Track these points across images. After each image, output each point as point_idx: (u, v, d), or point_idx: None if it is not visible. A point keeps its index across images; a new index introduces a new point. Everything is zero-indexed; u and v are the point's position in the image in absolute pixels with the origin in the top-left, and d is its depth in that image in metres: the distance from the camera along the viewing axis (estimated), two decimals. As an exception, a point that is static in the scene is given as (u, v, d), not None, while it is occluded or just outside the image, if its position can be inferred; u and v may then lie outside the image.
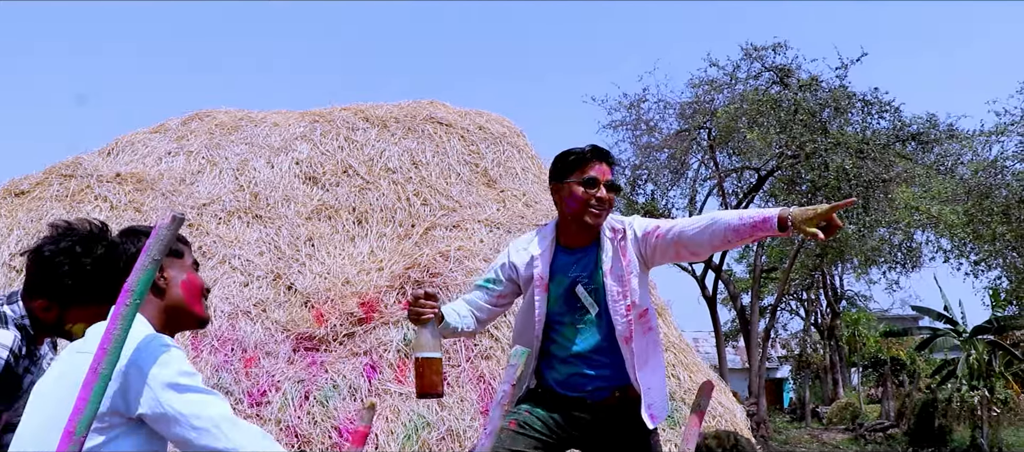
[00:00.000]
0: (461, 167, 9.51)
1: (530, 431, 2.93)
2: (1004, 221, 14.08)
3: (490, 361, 7.18)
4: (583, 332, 3.01)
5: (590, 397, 2.98)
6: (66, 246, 2.27)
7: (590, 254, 3.06)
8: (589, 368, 2.99)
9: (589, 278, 3.03)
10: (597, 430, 2.99)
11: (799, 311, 39.57)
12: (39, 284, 2.29)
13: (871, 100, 18.32)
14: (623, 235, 3.05)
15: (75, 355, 1.95)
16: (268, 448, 1.93)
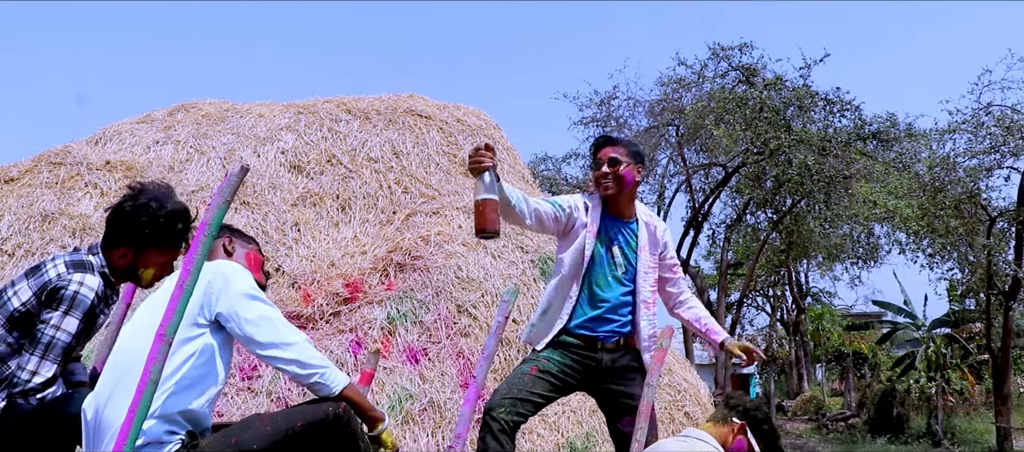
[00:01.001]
0: (440, 157, 9.94)
1: (547, 376, 3.38)
2: (956, 215, 14.67)
3: (469, 339, 7.60)
4: (613, 285, 3.53)
5: (602, 339, 3.45)
6: (143, 202, 2.72)
7: (629, 227, 3.64)
8: (610, 314, 3.49)
9: (626, 244, 3.60)
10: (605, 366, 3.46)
11: (765, 307, 40.23)
12: (120, 234, 2.72)
13: (833, 99, 18.85)
14: (656, 230, 3.69)
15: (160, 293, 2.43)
16: (314, 352, 2.38)
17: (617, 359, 3.47)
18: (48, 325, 2.56)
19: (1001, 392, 16.49)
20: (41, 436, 2.53)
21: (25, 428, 2.50)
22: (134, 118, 11.14)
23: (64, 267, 2.69)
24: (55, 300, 2.58)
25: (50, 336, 2.55)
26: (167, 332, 1.99)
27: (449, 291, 7.83)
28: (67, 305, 2.57)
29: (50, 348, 2.54)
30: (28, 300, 2.60)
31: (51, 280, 2.63)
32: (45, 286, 2.61)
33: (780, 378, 40.55)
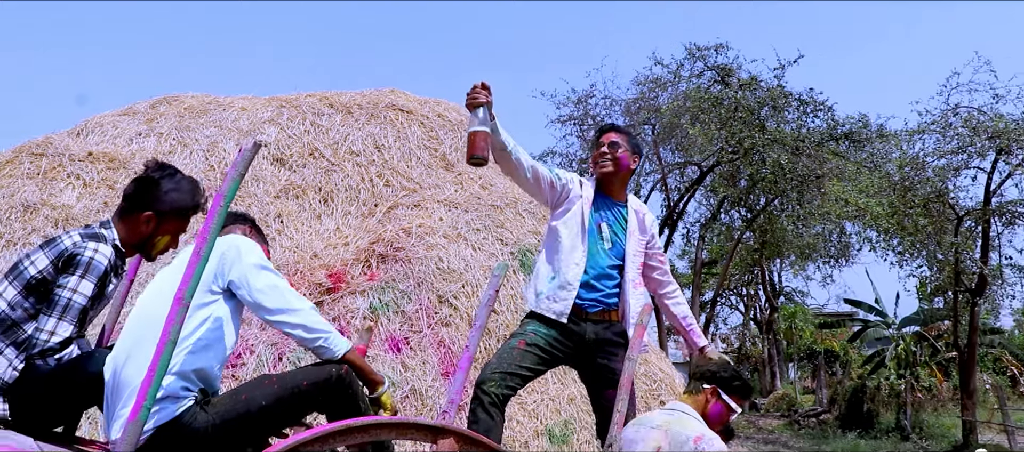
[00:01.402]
0: (421, 151, 10.08)
1: (535, 349, 3.52)
2: (925, 213, 14.98)
3: (449, 328, 7.75)
4: (602, 255, 3.72)
5: (586, 308, 3.62)
6: (169, 172, 2.89)
7: (619, 209, 3.88)
8: (596, 282, 3.66)
9: (615, 222, 3.82)
10: (589, 339, 3.62)
11: (739, 306, 40.62)
12: (146, 200, 2.89)
13: (806, 100, 19.14)
14: (644, 217, 3.95)
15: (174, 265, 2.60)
16: (319, 317, 2.54)
17: (601, 333, 3.62)
18: (65, 288, 2.70)
19: (967, 387, 16.85)
20: (60, 395, 2.67)
21: (44, 388, 2.64)
22: (116, 110, 11.18)
23: (78, 237, 2.84)
24: (72, 265, 2.73)
25: (67, 299, 2.69)
26: (185, 296, 2.14)
27: (430, 282, 7.97)
28: (83, 270, 2.72)
29: (67, 310, 2.69)
30: (45, 268, 2.75)
31: (67, 248, 2.77)
32: (62, 254, 2.76)
33: (753, 376, 40.92)
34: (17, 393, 2.64)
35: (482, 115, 3.39)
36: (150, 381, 2.07)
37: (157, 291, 2.58)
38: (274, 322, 2.52)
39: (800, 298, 38.74)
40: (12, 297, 2.73)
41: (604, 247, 3.72)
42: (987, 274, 15.51)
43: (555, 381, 7.62)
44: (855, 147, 18.55)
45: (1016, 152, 14.50)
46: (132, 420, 2.06)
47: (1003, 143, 14.20)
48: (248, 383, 2.57)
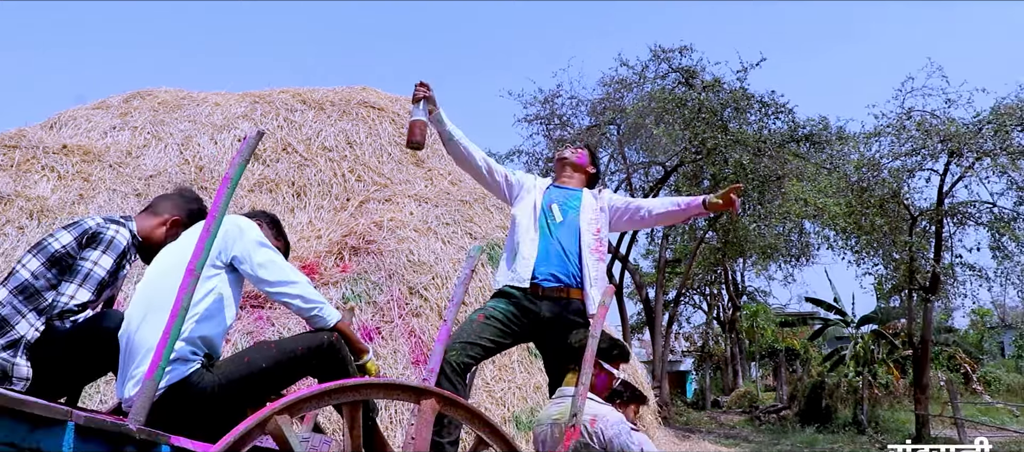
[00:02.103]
0: (392, 147, 10.30)
1: (494, 322, 3.76)
2: (881, 213, 15.45)
3: (420, 318, 7.99)
4: (554, 230, 3.98)
5: (542, 283, 3.85)
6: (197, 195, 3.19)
7: (573, 195, 4.17)
8: (552, 258, 3.91)
9: (565, 202, 4.09)
10: (544, 317, 3.85)
11: (702, 305, 41.13)
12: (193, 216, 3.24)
13: (768, 102, 19.61)
14: (599, 195, 4.22)
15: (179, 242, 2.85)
16: (313, 290, 2.80)
17: (557, 311, 3.85)
18: (87, 260, 2.96)
19: (920, 382, 17.38)
20: (78, 354, 2.90)
21: (63, 348, 2.87)
22: (89, 104, 11.27)
23: (102, 220, 3.11)
24: (95, 242, 3.00)
25: (88, 269, 2.95)
26: (195, 268, 2.39)
27: (401, 273, 8.21)
28: (105, 246, 2.98)
29: (87, 278, 2.94)
30: (69, 243, 3.00)
31: (90, 227, 3.04)
32: (85, 232, 3.03)
33: (716, 374, 41.48)
34: (38, 353, 2.87)
35: (422, 107, 3.88)
36: (165, 343, 2.32)
37: (164, 265, 2.82)
38: (273, 293, 2.77)
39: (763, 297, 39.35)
40: (35, 268, 2.97)
41: (555, 221, 4.00)
42: (940, 273, 16.01)
43: (522, 370, 7.90)
44: (815, 149, 18.97)
45: (967, 155, 15.01)
46: (149, 377, 2.30)
47: (954, 146, 14.72)
48: (249, 348, 2.81)
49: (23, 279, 2.97)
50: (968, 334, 36.38)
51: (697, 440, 16.63)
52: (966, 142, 14.54)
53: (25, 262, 3.03)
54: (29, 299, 2.94)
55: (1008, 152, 14.42)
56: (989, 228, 15.51)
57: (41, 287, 2.95)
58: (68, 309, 2.90)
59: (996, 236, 15.34)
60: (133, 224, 3.21)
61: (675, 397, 28.50)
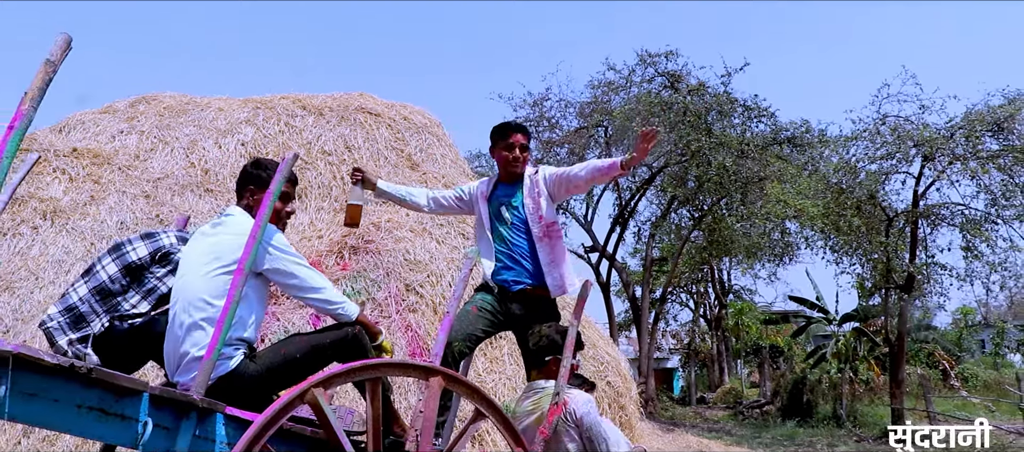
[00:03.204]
0: (388, 152, 10.78)
1: (486, 313, 4.30)
2: (858, 214, 16.01)
3: (416, 314, 8.48)
4: (509, 235, 4.45)
5: (509, 287, 4.37)
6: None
7: (516, 187, 4.56)
8: (512, 264, 4.40)
9: (510, 201, 4.52)
10: (516, 314, 4.37)
11: (689, 303, 41.67)
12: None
13: (751, 106, 20.19)
14: (536, 175, 4.57)
15: (212, 227, 3.30)
16: (335, 292, 3.29)
17: (527, 312, 4.34)
18: (155, 277, 3.45)
19: (896, 377, 17.95)
20: (132, 349, 3.40)
21: (120, 344, 3.36)
22: (96, 109, 11.69)
23: (175, 239, 3.59)
24: (165, 261, 3.49)
25: (154, 285, 3.45)
26: (244, 268, 2.89)
27: (398, 272, 8.70)
28: (173, 267, 3.48)
29: (152, 292, 3.44)
30: (144, 257, 3.49)
31: (165, 246, 3.53)
32: (159, 249, 3.52)
33: (702, 371, 42.05)
34: (101, 346, 3.36)
35: (357, 190, 4.41)
36: (219, 332, 2.81)
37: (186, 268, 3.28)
38: (301, 297, 3.27)
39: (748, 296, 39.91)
40: (113, 273, 3.46)
41: (506, 225, 4.47)
42: (915, 272, 16.58)
43: (511, 362, 8.40)
44: (797, 151, 19.51)
45: (940, 159, 15.60)
46: (207, 357, 2.80)
47: (928, 151, 15.30)
48: (284, 340, 3.30)
49: (102, 281, 3.46)
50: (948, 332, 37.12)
51: (680, 433, 17.16)
52: (939, 147, 15.11)
53: (105, 265, 3.51)
54: (104, 300, 3.43)
55: (978, 157, 15.01)
56: (961, 229, 16.10)
57: (115, 291, 3.44)
58: (129, 315, 3.39)
59: (967, 237, 15.92)
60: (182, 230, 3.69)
61: (661, 393, 29.01)
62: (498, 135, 4.60)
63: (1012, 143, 15.06)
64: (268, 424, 2.60)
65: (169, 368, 3.20)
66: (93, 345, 3.36)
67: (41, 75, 2.55)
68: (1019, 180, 15.40)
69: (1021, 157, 14.90)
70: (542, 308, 4.40)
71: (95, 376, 2.51)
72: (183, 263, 3.31)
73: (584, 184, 4.55)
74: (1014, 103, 15.14)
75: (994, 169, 15.32)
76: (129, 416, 2.64)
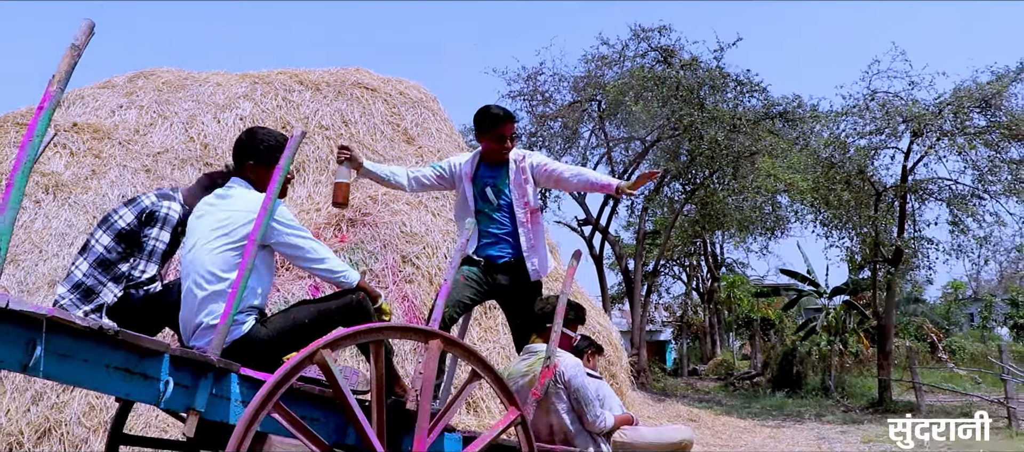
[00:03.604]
0: (384, 126, 10.97)
1: (472, 283, 4.54)
2: (847, 189, 16.24)
3: (412, 285, 8.72)
4: (494, 217, 4.67)
5: (495, 260, 4.61)
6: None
7: (500, 170, 4.73)
8: (496, 241, 4.64)
9: (496, 183, 4.70)
10: (501, 284, 4.63)
11: (681, 276, 42.04)
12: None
13: (743, 81, 20.36)
14: (523, 161, 4.74)
15: (217, 199, 3.47)
16: (338, 261, 3.49)
17: (511, 281, 4.60)
18: (149, 238, 3.64)
19: (884, 349, 18.26)
20: (147, 316, 3.61)
21: (136, 312, 3.57)
22: (95, 83, 11.84)
23: (155, 197, 3.77)
24: (152, 220, 3.67)
25: (152, 245, 3.64)
26: (256, 238, 3.10)
27: (395, 243, 8.93)
28: (161, 223, 3.67)
29: (153, 253, 3.63)
30: (131, 221, 3.68)
31: (147, 206, 3.71)
32: (144, 211, 3.70)
33: (694, 343, 42.48)
34: (118, 315, 3.57)
35: (344, 169, 4.45)
36: (234, 297, 3.03)
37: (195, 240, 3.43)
38: (308, 268, 3.47)
39: (740, 269, 40.24)
40: (107, 243, 3.66)
41: (493, 207, 4.66)
42: (903, 246, 16.84)
43: (505, 331, 8.64)
44: (789, 126, 19.70)
45: (928, 135, 15.81)
46: (223, 322, 3.01)
47: (916, 127, 15.51)
48: (292, 306, 3.51)
49: (99, 253, 3.66)
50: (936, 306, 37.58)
51: (671, 403, 17.45)
52: (927, 123, 15.32)
53: (98, 238, 3.71)
54: (106, 270, 3.63)
55: (965, 133, 15.24)
56: (948, 204, 16.35)
57: (114, 260, 3.63)
58: (140, 282, 3.59)
59: (954, 212, 16.17)
60: (180, 195, 3.86)
61: (654, 365, 29.33)
62: (489, 124, 4.69)
63: (999, 119, 15.28)
64: (280, 383, 2.81)
65: (185, 335, 3.41)
66: (110, 314, 3.56)
67: (67, 59, 2.74)
68: (1006, 156, 15.64)
69: (1008, 134, 15.13)
70: (522, 277, 4.65)
71: (121, 338, 2.72)
72: (192, 235, 3.48)
73: (571, 188, 4.82)
74: (1001, 80, 15.34)
75: (981, 145, 15.54)
76: (152, 375, 2.85)
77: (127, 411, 4.35)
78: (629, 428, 4.78)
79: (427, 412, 3.16)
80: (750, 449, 11.34)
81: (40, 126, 2.65)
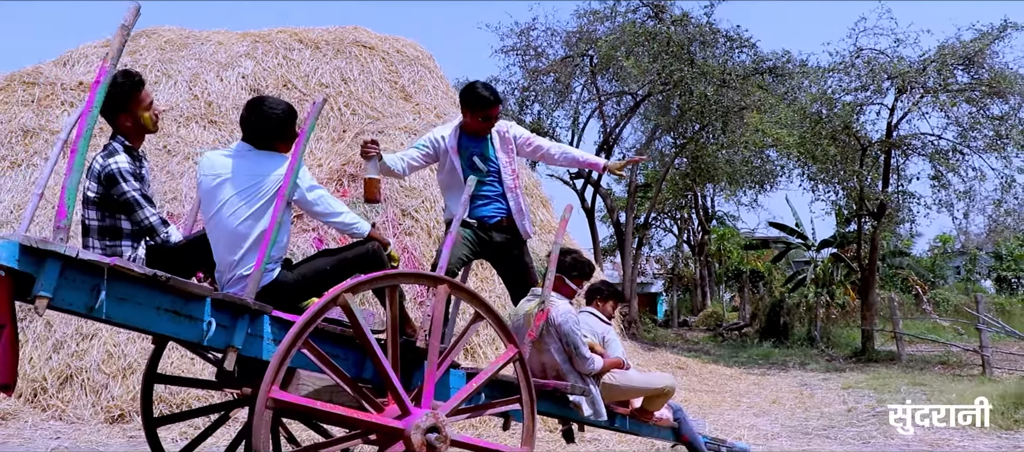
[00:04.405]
0: (383, 84, 11.29)
1: (466, 243, 4.95)
2: (833, 143, 16.62)
3: (412, 237, 9.11)
4: (485, 181, 5.05)
5: (488, 220, 5.03)
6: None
7: (483, 140, 5.10)
8: (489, 202, 5.05)
9: (482, 152, 5.07)
10: (493, 243, 5.05)
11: (672, 229, 42.56)
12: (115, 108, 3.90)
13: (733, 36, 20.67)
14: (507, 132, 5.14)
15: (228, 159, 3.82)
16: (351, 214, 3.88)
17: (503, 239, 5.04)
18: (126, 194, 3.84)
19: (867, 300, 18.79)
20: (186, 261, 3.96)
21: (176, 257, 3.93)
22: (97, 42, 12.09)
23: (101, 159, 3.94)
24: (111, 179, 3.85)
25: (131, 196, 3.85)
26: (286, 195, 3.49)
27: (395, 198, 9.30)
28: (120, 177, 3.85)
29: (136, 203, 3.85)
30: (96, 189, 3.88)
31: (98, 170, 3.89)
32: (98, 175, 3.90)
33: (685, 295, 43.10)
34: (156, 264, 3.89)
35: (373, 164, 4.71)
36: (265, 246, 3.42)
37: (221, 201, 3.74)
38: (326, 221, 3.86)
39: (731, 222, 40.74)
40: (94, 215, 3.90)
41: (483, 173, 5.02)
42: (886, 200, 17.28)
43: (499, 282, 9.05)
44: (778, 81, 20.02)
45: (913, 91, 16.18)
46: (257, 268, 3.41)
47: (900, 84, 15.88)
48: (315, 255, 3.91)
49: (95, 227, 3.94)
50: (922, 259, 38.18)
51: (660, 352, 17.97)
52: (912, 80, 15.68)
53: (86, 214, 3.97)
54: (114, 236, 3.92)
55: (948, 90, 15.61)
56: (930, 160, 16.78)
57: (109, 224, 3.90)
58: (153, 228, 3.90)
59: (936, 167, 16.60)
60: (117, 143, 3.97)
61: (644, 316, 29.89)
62: (478, 105, 4.98)
63: (981, 77, 15.64)
64: (309, 322, 3.22)
65: (220, 286, 3.80)
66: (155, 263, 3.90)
67: (118, 38, 3.11)
68: (988, 112, 16.03)
69: (989, 91, 15.50)
70: (515, 235, 5.08)
71: (171, 283, 3.12)
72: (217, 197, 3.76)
73: (556, 164, 5.28)
74: (984, 38, 15.67)
75: (963, 102, 15.92)
76: (196, 317, 3.26)
77: (160, 353, 4.77)
78: (618, 371, 5.20)
79: (436, 349, 3.57)
80: (734, 394, 11.85)
81: (98, 98, 3.02)
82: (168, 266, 3.87)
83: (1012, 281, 37.76)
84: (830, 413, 9.99)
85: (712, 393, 11.92)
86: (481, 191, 5.02)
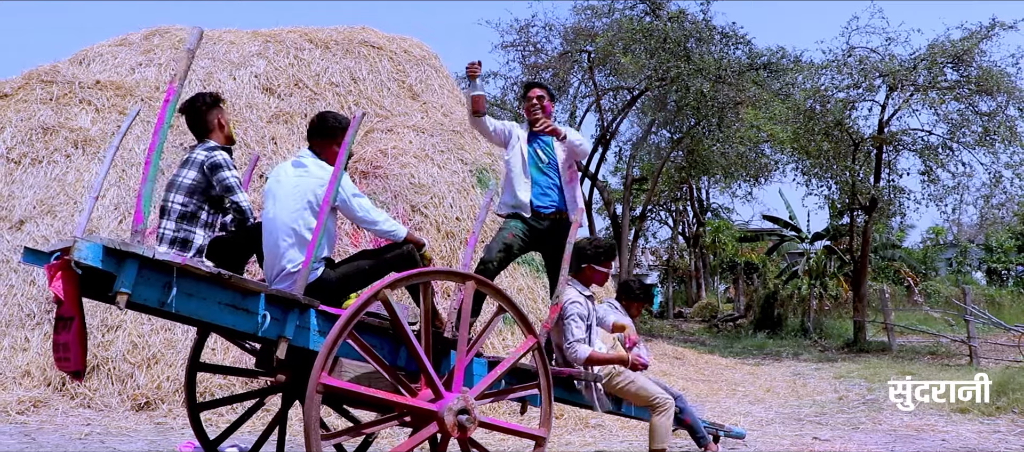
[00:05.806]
0: (391, 83, 11.64)
1: (518, 239, 5.31)
2: (826, 139, 17.02)
3: (422, 233, 9.45)
4: (544, 171, 5.49)
5: (543, 210, 5.41)
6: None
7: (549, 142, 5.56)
8: (545, 193, 5.45)
9: (545, 146, 5.53)
10: (543, 232, 5.41)
11: (668, 221, 42.92)
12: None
13: (729, 33, 21.01)
14: (565, 134, 5.54)
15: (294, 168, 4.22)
16: (391, 221, 4.26)
17: (553, 228, 5.41)
18: (228, 178, 4.25)
19: (859, 292, 19.23)
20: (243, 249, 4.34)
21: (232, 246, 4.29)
22: (111, 41, 12.39)
23: (205, 152, 4.32)
24: (216, 167, 4.26)
25: (234, 180, 4.25)
26: (330, 200, 3.86)
27: (405, 194, 9.66)
28: (223, 164, 4.26)
29: (238, 186, 4.27)
30: (196, 177, 4.23)
31: (203, 160, 4.27)
32: (202, 164, 4.27)
33: (680, 287, 43.51)
34: (216, 253, 4.25)
35: (478, 83, 5.27)
36: (313, 247, 3.80)
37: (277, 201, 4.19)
38: (366, 227, 4.26)
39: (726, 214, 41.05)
40: (182, 199, 4.27)
41: (542, 166, 5.49)
42: (878, 194, 17.69)
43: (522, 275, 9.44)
44: (773, 77, 20.36)
45: (904, 89, 16.59)
46: (305, 265, 3.79)
47: (891, 81, 16.29)
48: (356, 254, 4.31)
49: (178, 210, 4.30)
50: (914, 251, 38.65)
51: (656, 343, 18.36)
52: (903, 78, 16.08)
53: (172, 199, 4.32)
54: (192, 221, 4.29)
55: (937, 88, 16.02)
56: (920, 155, 17.19)
57: (193, 211, 4.25)
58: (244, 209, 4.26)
59: (926, 162, 17.02)
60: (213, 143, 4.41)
61: (640, 308, 30.14)
62: (522, 92, 5.74)
63: (970, 75, 16.04)
64: (354, 315, 3.58)
65: (268, 278, 4.17)
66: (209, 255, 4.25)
67: (184, 61, 3.47)
68: (976, 109, 16.44)
69: (977, 88, 15.91)
70: (563, 226, 5.42)
71: (232, 281, 3.50)
72: (274, 196, 4.21)
73: None
74: (973, 37, 16.06)
75: (952, 99, 16.33)
76: (252, 310, 3.63)
77: (202, 344, 5.15)
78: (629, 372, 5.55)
79: (465, 339, 3.95)
80: (730, 383, 12.26)
81: (168, 115, 3.38)
82: (222, 255, 4.26)
83: (1002, 273, 38.30)
84: (822, 401, 10.39)
85: (708, 382, 12.32)
86: (539, 180, 5.47)
